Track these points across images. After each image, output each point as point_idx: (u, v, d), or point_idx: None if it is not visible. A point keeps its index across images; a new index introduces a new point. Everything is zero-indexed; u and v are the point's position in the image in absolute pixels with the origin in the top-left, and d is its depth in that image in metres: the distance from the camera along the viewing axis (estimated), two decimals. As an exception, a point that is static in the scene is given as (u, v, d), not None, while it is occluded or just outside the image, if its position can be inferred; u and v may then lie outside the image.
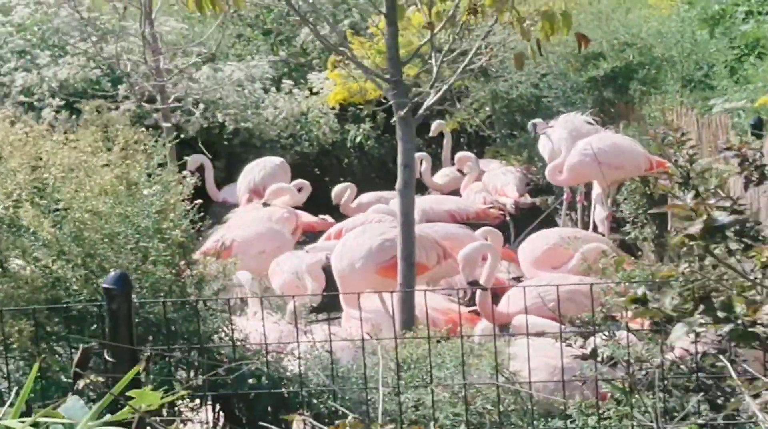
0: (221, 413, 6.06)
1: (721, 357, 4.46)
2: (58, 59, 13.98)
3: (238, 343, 5.99)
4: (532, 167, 13.66)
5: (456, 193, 13.70)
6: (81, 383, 3.36)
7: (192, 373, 5.91)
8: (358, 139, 15.08)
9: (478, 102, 14.06)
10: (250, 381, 5.81)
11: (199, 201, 6.26)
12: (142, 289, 5.85)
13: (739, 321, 3.09)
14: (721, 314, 3.09)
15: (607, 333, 6.00)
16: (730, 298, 3.11)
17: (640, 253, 11.74)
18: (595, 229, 12.03)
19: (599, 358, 5.52)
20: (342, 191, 12.96)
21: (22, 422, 2.56)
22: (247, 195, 12.75)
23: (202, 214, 6.42)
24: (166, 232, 6.01)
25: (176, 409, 5.77)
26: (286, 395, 5.79)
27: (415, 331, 7.06)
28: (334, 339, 6.60)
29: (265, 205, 12.08)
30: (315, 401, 5.86)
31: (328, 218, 12.70)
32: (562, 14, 7.23)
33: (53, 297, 5.65)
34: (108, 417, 2.69)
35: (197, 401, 5.92)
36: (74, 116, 13.44)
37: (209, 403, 5.96)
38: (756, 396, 3.42)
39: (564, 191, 12.54)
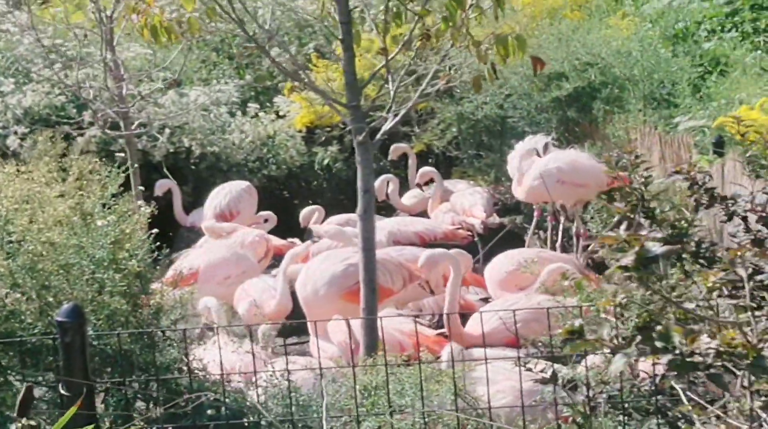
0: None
1: (674, 382, 4.45)
2: (22, 86, 13.92)
3: (197, 373, 5.96)
4: (499, 187, 13.68)
5: (424, 214, 13.70)
6: (13, 427, 3.31)
7: (150, 405, 5.87)
8: (326, 162, 15.06)
9: (444, 123, 14.07)
10: (209, 412, 5.77)
11: (155, 230, 6.22)
12: (98, 321, 5.82)
13: (677, 351, 3.08)
14: (659, 344, 3.08)
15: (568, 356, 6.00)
16: (668, 328, 3.11)
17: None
18: (564, 249, 12.06)
19: (559, 382, 5.51)
20: (310, 214, 12.94)
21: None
22: (213, 220, 12.69)
23: (160, 243, 6.38)
24: (121, 262, 5.97)
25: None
26: (246, 425, 5.76)
27: (374, 358, 7.05)
28: (294, 367, 6.61)
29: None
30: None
31: (297, 241, 12.68)
32: (516, 38, 7.24)
33: (7, 330, 5.60)
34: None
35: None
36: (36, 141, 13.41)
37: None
38: (704, 424, 3.41)
39: (534, 209, 12.55)
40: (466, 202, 13.25)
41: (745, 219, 4.85)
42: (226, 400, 5.77)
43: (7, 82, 13.93)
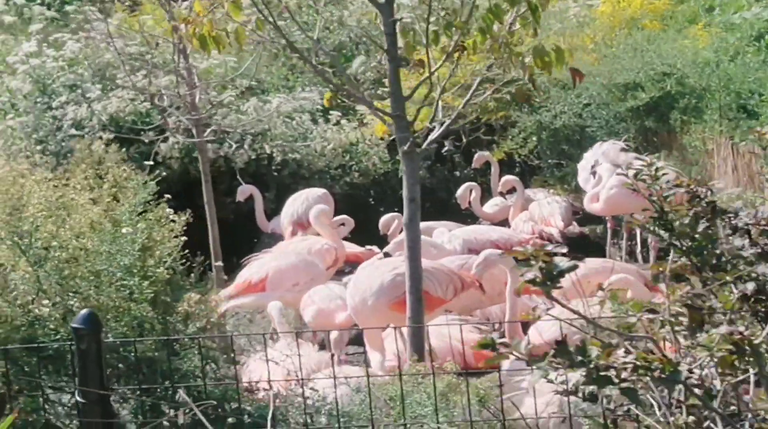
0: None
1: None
2: (108, 93, 14.17)
3: (227, 383, 6.00)
4: (580, 196, 13.55)
5: (506, 222, 13.66)
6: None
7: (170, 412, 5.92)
8: (408, 170, 15.06)
9: (525, 132, 14.00)
10: (230, 420, 5.78)
11: (183, 238, 6.27)
12: (124, 328, 5.89)
13: (592, 364, 3.05)
14: (576, 357, 3.06)
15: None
16: (584, 342, 3.09)
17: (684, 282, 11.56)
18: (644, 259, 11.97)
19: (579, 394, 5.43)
20: (389, 221, 12.96)
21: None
22: (290, 227, 12.78)
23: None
24: (149, 269, 6.05)
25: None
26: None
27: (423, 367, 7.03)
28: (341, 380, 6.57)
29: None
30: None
31: (375, 249, 12.69)
32: (555, 50, 7.16)
33: (30, 336, 5.71)
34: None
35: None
36: (124, 149, 13.63)
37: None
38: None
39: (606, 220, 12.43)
40: (545, 211, 13.17)
41: (749, 233, 4.75)
42: (249, 409, 5.79)
43: (94, 89, 14.19)
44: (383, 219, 12.97)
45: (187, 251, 6.48)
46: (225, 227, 14.69)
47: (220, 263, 10.98)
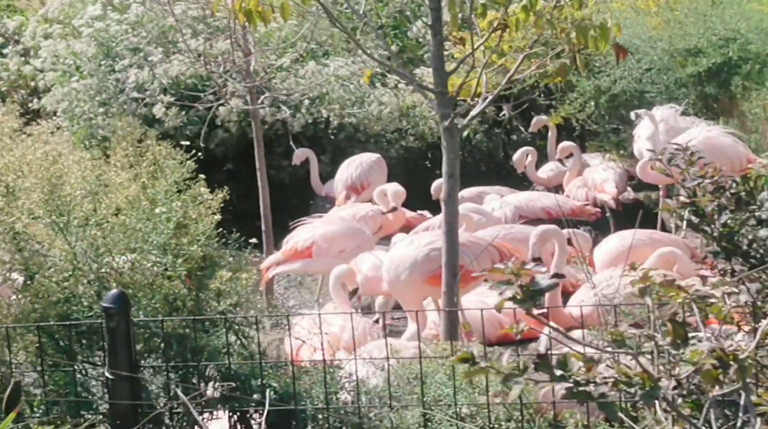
0: (239, 425, 6.20)
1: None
2: (170, 56, 14.31)
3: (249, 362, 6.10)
4: (635, 162, 13.51)
5: (560, 187, 13.66)
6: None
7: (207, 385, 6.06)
8: (465, 133, 15.08)
9: (584, 96, 13.95)
10: (255, 396, 5.92)
11: (218, 217, 6.38)
12: (155, 304, 6.03)
13: (572, 379, 3.10)
14: (558, 372, 3.11)
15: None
16: (566, 356, 3.14)
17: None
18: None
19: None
20: (441, 186, 13.00)
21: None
22: (344, 192, 12.88)
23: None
24: (184, 247, 6.18)
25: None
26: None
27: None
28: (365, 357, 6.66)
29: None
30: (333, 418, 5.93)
31: (427, 214, 12.76)
32: (600, 26, 7.15)
33: (65, 312, 5.87)
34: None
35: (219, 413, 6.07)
36: (184, 112, 13.81)
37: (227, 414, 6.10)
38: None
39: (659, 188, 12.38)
40: (598, 178, 13.14)
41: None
42: (274, 385, 5.92)
43: (156, 52, 14.34)
44: (435, 184, 13.01)
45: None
46: (281, 190, 14.87)
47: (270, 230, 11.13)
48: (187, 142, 7.44)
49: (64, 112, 14.44)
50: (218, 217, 6.35)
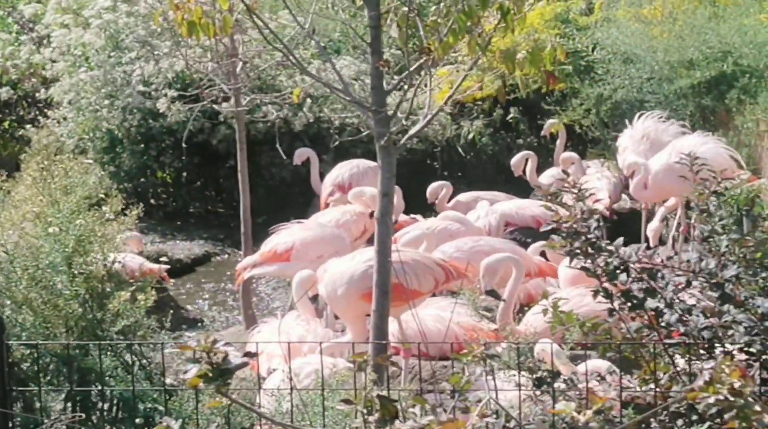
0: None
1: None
2: (177, 49, 14.36)
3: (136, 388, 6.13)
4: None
5: (560, 193, 13.51)
6: None
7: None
8: (470, 136, 15.02)
9: (588, 103, 13.81)
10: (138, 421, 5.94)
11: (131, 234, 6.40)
12: (49, 324, 6.06)
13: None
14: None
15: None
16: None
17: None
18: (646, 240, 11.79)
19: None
20: (437, 189, 12.97)
21: None
22: (330, 188, 12.79)
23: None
24: (80, 266, 6.20)
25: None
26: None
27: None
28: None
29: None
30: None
31: (419, 217, 12.70)
32: (530, 52, 7.05)
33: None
34: None
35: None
36: (187, 108, 13.86)
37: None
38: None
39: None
40: (591, 186, 12.99)
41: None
42: (160, 408, 5.93)
43: (164, 45, 14.40)
44: (431, 187, 12.98)
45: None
46: (280, 188, 14.90)
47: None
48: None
49: (70, 103, 14.56)
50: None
